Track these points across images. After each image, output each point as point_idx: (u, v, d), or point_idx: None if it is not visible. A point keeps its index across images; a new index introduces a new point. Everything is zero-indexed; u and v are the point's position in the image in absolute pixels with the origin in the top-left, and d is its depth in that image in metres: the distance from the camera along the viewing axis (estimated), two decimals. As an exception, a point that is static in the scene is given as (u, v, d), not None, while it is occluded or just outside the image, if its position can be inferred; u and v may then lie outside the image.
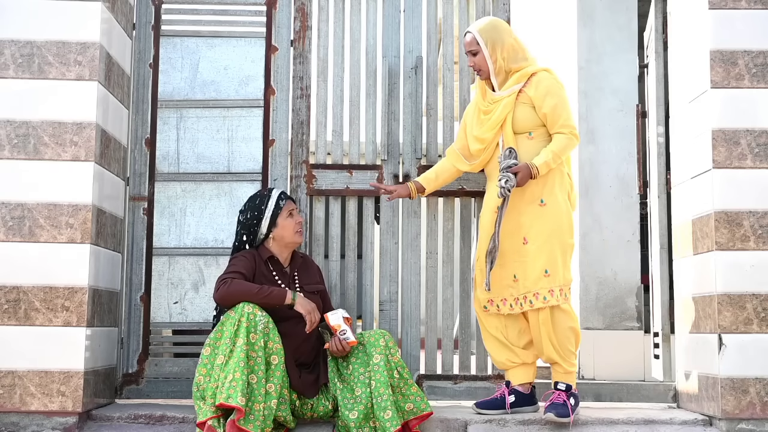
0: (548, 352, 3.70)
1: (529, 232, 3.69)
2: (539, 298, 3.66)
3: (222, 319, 3.49)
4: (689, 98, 3.99)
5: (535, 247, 3.67)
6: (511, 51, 3.78)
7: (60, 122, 3.67)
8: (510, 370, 3.82)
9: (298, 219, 3.77)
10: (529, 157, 3.70)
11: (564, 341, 3.70)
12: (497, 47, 3.77)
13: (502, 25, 3.84)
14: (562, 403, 3.61)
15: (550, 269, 3.66)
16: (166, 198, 4.20)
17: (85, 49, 3.71)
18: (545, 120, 3.74)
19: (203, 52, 4.27)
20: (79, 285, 3.60)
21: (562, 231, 3.70)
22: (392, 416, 3.42)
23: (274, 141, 4.23)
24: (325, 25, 4.34)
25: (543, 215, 3.70)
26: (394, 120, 4.28)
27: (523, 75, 3.77)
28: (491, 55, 3.77)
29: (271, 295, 3.51)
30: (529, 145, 3.75)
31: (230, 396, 3.25)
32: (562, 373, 3.72)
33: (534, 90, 3.74)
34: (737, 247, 3.65)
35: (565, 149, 3.71)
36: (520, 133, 3.77)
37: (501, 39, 3.78)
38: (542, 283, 3.65)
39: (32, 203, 3.63)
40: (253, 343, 3.39)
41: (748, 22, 3.75)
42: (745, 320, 3.61)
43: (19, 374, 3.55)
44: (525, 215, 3.70)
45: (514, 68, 3.78)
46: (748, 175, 3.68)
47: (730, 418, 3.59)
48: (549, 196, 3.71)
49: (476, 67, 3.83)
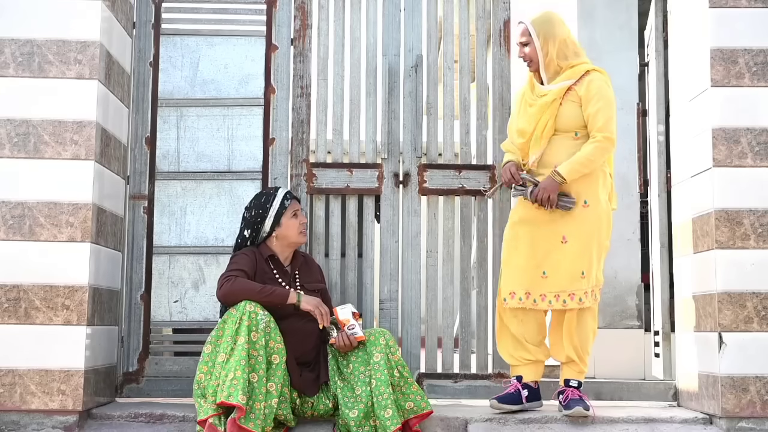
0: (567, 350, 3.69)
1: (569, 231, 3.66)
2: (575, 299, 3.64)
3: (223, 317, 3.49)
4: (690, 97, 3.99)
5: (574, 247, 3.64)
6: (563, 45, 3.72)
7: (60, 121, 3.67)
8: (521, 367, 3.80)
9: (302, 219, 3.77)
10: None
11: (585, 342, 3.69)
12: (549, 40, 3.71)
13: (556, 18, 3.77)
14: (579, 398, 3.62)
15: (586, 271, 3.64)
16: (167, 197, 4.20)
17: (85, 48, 3.70)
18: (587, 121, 3.68)
19: (203, 51, 4.26)
20: (79, 284, 3.60)
21: (601, 233, 3.69)
22: (392, 415, 3.42)
23: (274, 140, 4.23)
24: (326, 23, 4.33)
25: (585, 216, 3.66)
26: (394, 119, 4.28)
27: (576, 72, 3.72)
28: (542, 48, 3.71)
29: (274, 295, 3.51)
30: (573, 145, 3.69)
31: (231, 394, 3.25)
32: (577, 371, 3.71)
33: (585, 89, 3.68)
34: (737, 246, 3.64)
35: (594, 154, 3.63)
36: (563, 132, 3.70)
37: (554, 32, 3.72)
38: (578, 284, 3.63)
39: (32, 202, 3.63)
40: (254, 342, 3.38)
41: (749, 20, 3.74)
42: (746, 319, 3.61)
43: (19, 373, 3.55)
44: (567, 214, 3.65)
45: (566, 64, 3.73)
46: (749, 173, 3.68)
47: (730, 416, 3.59)
48: (592, 197, 3.67)
49: (526, 58, 3.77)
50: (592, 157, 3.64)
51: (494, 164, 4.25)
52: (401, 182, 4.25)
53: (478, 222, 4.28)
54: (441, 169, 4.25)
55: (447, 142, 4.31)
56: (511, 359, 3.82)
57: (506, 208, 4.20)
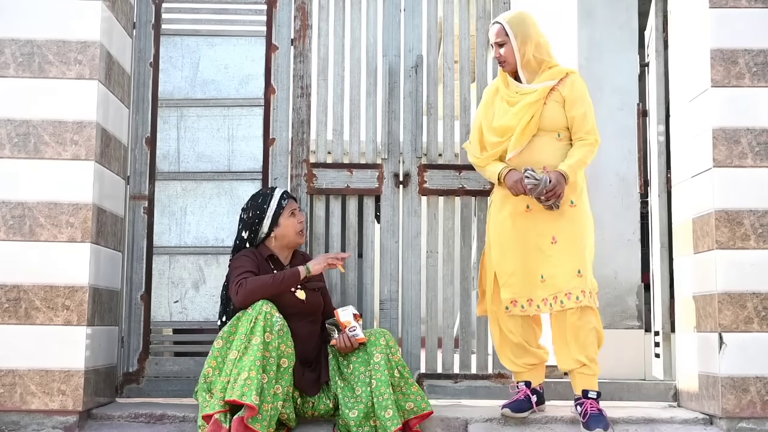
0: (575, 354, 3.58)
1: (558, 232, 3.61)
2: (572, 298, 3.55)
3: (238, 314, 3.49)
4: (690, 97, 3.98)
5: (565, 246, 3.59)
6: (539, 46, 3.69)
7: (60, 121, 3.66)
8: (525, 373, 3.76)
9: (300, 218, 3.78)
10: (557, 158, 3.62)
11: (593, 343, 3.60)
12: (527, 40, 3.67)
13: (530, 18, 3.72)
14: (598, 413, 3.52)
15: (582, 270, 3.58)
16: (167, 197, 4.20)
17: (86, 48, 3.70)
18: (572, 123, 3.66)
19: (203, 51, 4.26)
20: (79, 284, 3.59)
21: (589, 233, 3.67)
22: (393, 415, 3.41)
23: (274, 140, 4.22)
24: (326, 23, 4.33)
25: (573, 216, 3.63)
26: (394, 119, 4.28)
27: (558, 72, 3.69)
28: (520, 48, 3.67)
29: (287, 280, 3.56)
30: (556, 146, 3.66)
31: (245, 394, 3.25)
32: (590, 375, 3.61)
33: (569, 91, 3.66)
34: (738, 246, 3.64)
35: (588, 156, 3.66)
36: (546, 132, 3.66)
37: (529, 32, 3.67)
38: (575, 283, 3.56)
39: (32, 202, 3.62)
40: (268, 343, 3.39)
41: (749, 20, 3.74)
42: (746, 319, 3.61)
43: (19, 373, 3.54)
44: (554, 214, 3.61)
45: (544, 64, 3.69)
46: (749, 174, 3.67)
47: (730, 417, 3.59)
48: (578, 198, 3.66)
49: (501, 59, 3.72)
50: (587, 159, 3.66)
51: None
52: (401, 182, 4.25)
53: (478, 222, 4.28)
54: (441, 170, 4.25)
55: (447, 143, 4.31)
56: (515, 366, 3.77)
57: (506, 209, 4.20)
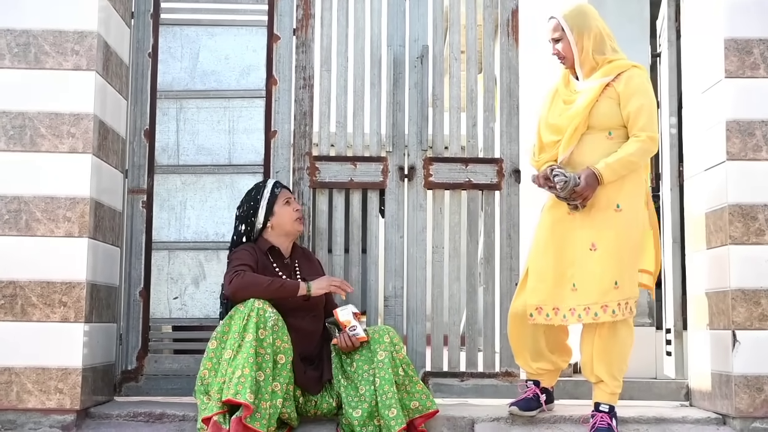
0: (597, 370, 3.45)
1: (599, 238, 3.39)
2: (607, 312, 3.37)
3: (230, 312, 3.44)
4: (703, 88, 3.93)
5: (603, 255, 3.37)
6: (599, 39, 3.52)
7: (57, 113, 3.62)
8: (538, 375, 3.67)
9: (295, 206, 3.73)
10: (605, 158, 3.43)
11: (619, 360, 3.45)
12: (584, 34, 3.51)
13: (590, 11, 3.57)
14: (607, 427, 3.40)
15: (620, 281, 3.37)
16: (166, 191, 4.15)
17: (83, 38, 3.65)
18: (627, 120, 3.46)
19: (203, 42, 4.21)
20: (76, 280, 3.55)
21: (636, 240, 3.46)
22: (397, 414, 3.37)
23: (276, 132, 4.16)
24: (329, 13, 4.27)
25: (617, 221, 3.40)
26: (399, 111, 4.22)
27: (615, 68, 3.50)
28: (577, 43, 3.51)
29: (284, 288, 3.48)
30: (606, 145, 3.46)
31: (238, 392, 3.21)
32: (608, 393, 3.45)
33: (624, 86, 3.46)
34: (752, 242, 3.60)
35: (637, 154, 3.42)
36: (597, 130, 3.48)
37: (588, 25, 3.51)
38: (612, 296, 3.35)
39: (29, 196, 3.58)
40: (261, 340, 3.33)
41: (763, 9, 3.69)
42: (760, 316, 3.56)
43: (15, 371, 3.51)
44: (597, 219, 3.40)
45: (603, 59, 3.52)
46: (763, 167, 3.63)
47: (744, 416, 3.55)
48: (626, 201, 3.44)
49: (560, 55, 3.57)
50: (634, 158, 3.41)
51: (501, 157, 4.20)
52: (406, 176, 4.18)
53: (485, 217, 4.23)
54: (447, 163, 4.19)
55: (453, 135, 4.25)
56: (530, 369, 3.67)
57: (514, 203, 4.16)
